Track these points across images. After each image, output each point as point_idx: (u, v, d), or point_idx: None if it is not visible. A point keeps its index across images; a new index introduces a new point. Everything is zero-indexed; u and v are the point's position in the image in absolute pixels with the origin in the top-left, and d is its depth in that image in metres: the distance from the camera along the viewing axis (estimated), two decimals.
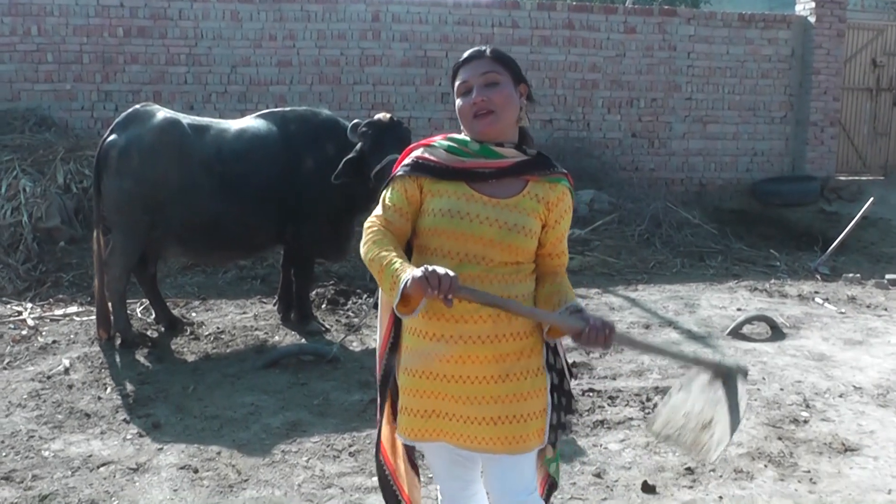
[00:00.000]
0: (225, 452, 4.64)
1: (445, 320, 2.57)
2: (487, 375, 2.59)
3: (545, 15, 11.90)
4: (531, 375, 2.63)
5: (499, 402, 2.59)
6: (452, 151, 2.66)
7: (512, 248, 2.58)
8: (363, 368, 6.04)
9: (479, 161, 2.63)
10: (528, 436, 2.62)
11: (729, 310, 7.84)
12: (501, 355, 2.59)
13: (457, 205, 2.59)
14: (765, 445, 4.72)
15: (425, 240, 2.64)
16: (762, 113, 12.88)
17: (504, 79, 2.64)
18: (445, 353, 2.59)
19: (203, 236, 6.50)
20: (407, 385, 2.69)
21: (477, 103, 2.60)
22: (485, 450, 2.63)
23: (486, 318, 2.55)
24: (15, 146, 9.71)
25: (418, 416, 2.67)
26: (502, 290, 2.55)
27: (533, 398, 2.62)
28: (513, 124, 2.69)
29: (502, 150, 2.64)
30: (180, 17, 10.92)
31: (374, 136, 6.19)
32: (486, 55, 2.68)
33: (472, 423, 2.61)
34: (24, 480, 4.30)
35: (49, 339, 6.66)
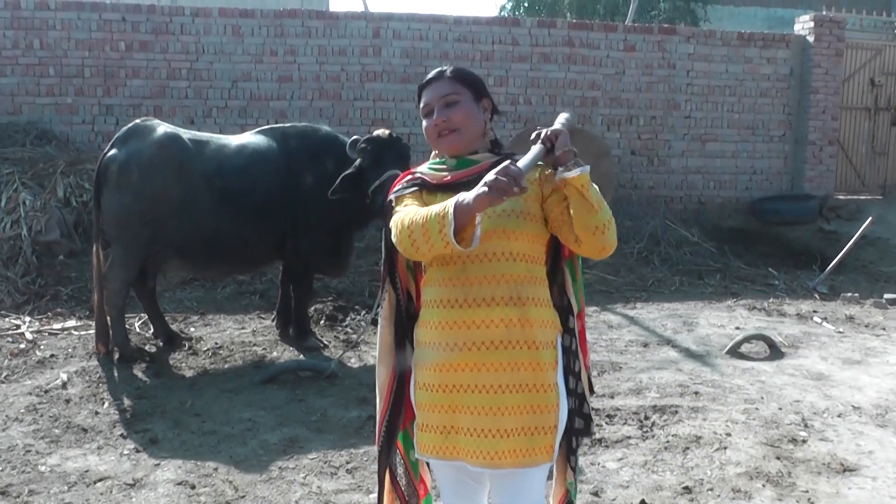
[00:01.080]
0: (222, 468, 4.63)
1: (458, 328, 2.59)
2: (503, 384, 2.58)
3: (545, 32, 11.93)
4: (546, 390, 2.62)
5: (513, 414, 2.58)
6: (435, 170, 2.77)
7: (509, 233, 2.59)
8: (361, 385, 6.04)
9: (459, 173, 2.70)
10: (537, 450, 2.61)
11: (727, 328, 7.84)
12: (516, 364, 2.58)
13: None
14: (763, 465, 4.70)
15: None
16: (761, 131, 12.91)
17: (463, 97, 2.71)
18: (460, 361, 2.59)
19: (202, 251, 6.51)
20: (425, 401, 2.70)
21: (438, 124, 2.70)
22: (497, 465, 2.60)
23: (497, 322, 2.56)
24: (16, 159, 9.72)
25: (437, 432, 2.67)
26: (511, 290, 2.58)
27: (546, 413, 2.62)
28: (479, 137, 2.75)
29: (477, 156, 2.73)
30: (182, 32, 10.95)
31: (373, 153, 6.21)
32: (445, 76, 2.75)
33: (485, 435, 2.58)
34: (20, 495, 4.29)
35: (47, 352, 6.65)
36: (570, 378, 2.76)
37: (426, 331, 2.67)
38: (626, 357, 6.84)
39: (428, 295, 2.70)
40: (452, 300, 2.60)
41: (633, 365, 6.62)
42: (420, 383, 2.72)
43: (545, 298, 2.68)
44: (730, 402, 5.75)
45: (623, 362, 6.67)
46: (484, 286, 2.58)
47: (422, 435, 2.72)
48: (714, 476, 4.57)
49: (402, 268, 2.84)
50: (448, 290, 2.62)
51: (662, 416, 5.48)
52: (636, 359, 6.81)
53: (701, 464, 4.73)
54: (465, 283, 2.60)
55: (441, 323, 2.62)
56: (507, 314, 2.57)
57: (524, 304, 2.59)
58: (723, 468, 4.67)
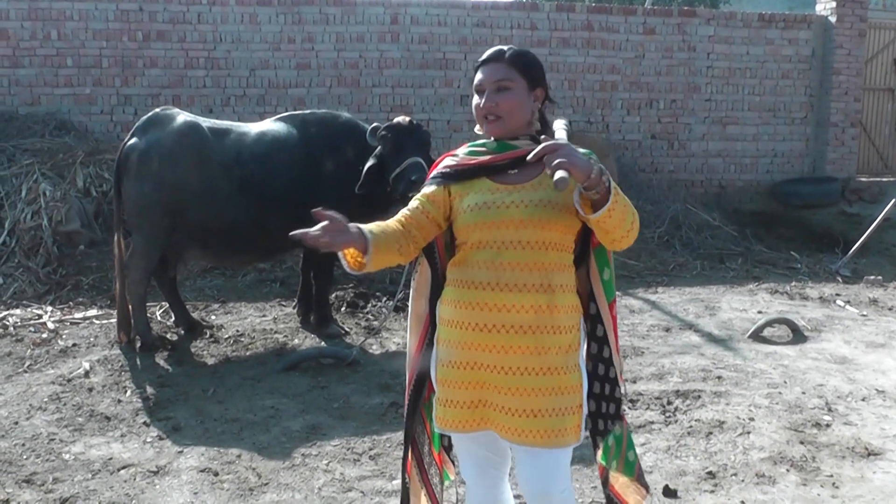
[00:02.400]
0: (245, 455, 4.65)
1: (488, 310, 2.65)
2: (529, 367, 2.64)
3: (564, 16, 11.86)
4: (571, 371, 2.69)
5: (540, 395, 2.64)
6: (472, 154, 2.83)
7: (543, 223, 2.64)
8: (383, 372, 6.05)
9: (497, 155, 2.76)
10: (566, 430, 2.67)
11: (749, 312, 7.80)
12: (543, 348, 2.64)
13: (483, 198, 2.69)
14: (787, 450, 4.68)
15: (464, 236, 2.73)
16: (782, 114, 12.78)
17: (516, 85, 2.73)
18: (488, 342, 2.65)
19: (223, 240, 6.51)
20: (450, 377, 2.76)
21: (485, 108, 2.73)
22: (524, 442, 2.66)
23: (528, 308, 2.62)
24: (35, 150, 9.76)
25: (463, 407, 2.74)
26: (542, 277, 2.63)
27: (572, 393, 2.69)
28: (523, 125, 2.78)
29: (517, 142, 2.76)
30: (199, 21, 10.95)
31: (393, 140, 6.19)
32: (503, 58, 2.75)
33: (513, 414, 2.65)
34: (44, 483, 4.32)
35: (69, 342, 6.69)
36: (600, 365, 2.85)
37: (454, 309, 2.73)
38: (648, 342, 6.82)
39: (458, 275, 2.74)
40: (484, 283, 2.65)
41: (655, 350, 6.60)
42: (445, 360, 2.77)
43: (571, 284, 2.73)
44: (753, 387, 5.72)
45: (645, 347, 6.64)
46: (517, 272, 2.63)
47: (445, 410, 2.78)
48: (738, 461, 4.55)
49: (441, 245, 2.91)
50: (481, 272, 2.67)
51: (685, 400, 5.46)
52: (658, 343, 6.79)
53: (724, 449, 4.71)
54: (499, 267, 2.64)
55: (471, 303, 2.67)
56: (538, 300, 2.63)
57: (553, 291, 2.65)
58: (746, 453, 4.64)
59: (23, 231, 8.75)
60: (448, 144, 11.41)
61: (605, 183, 2.46)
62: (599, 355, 2.86)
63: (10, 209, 8.90)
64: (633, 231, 2.61)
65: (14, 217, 8.83)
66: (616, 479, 3.01)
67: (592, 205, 2.52)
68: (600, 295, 2.83)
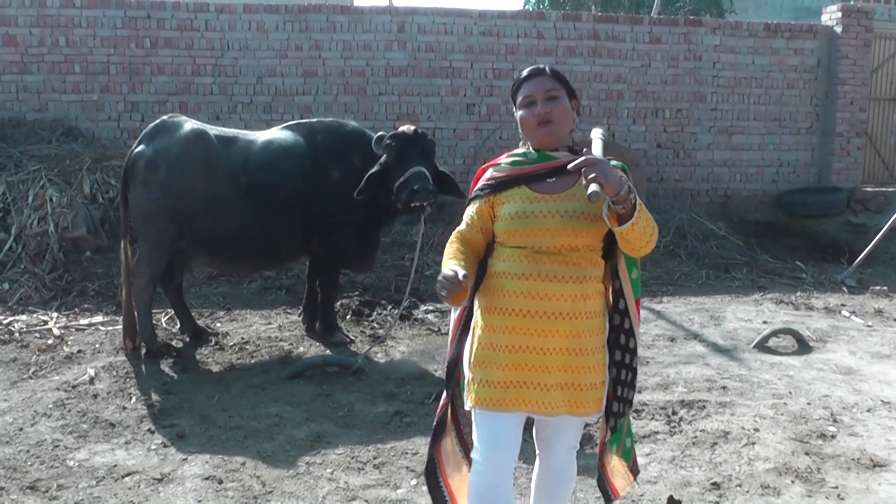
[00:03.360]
0: (249, 463, 4.65)
1: (531, 297, 2.97)
2: (564, 348, 2.99)
3: (570, 25, 11.87)
4: (597, 352, 3.06)
5: (568, 371, 3.00)
6: (514, 164, 3.15)
7: (576, 232, 2.97)
8: (388, 380, 6.05)
9: (537, 165, 3.10)
10: (588, 402, 3.05)
11: (755, 322, 7.79)
12: (577, 332, 2.99)
13: (521, 207, 3.03)
14: (792, 460, 4.68)
15: (503, 239, 3.08)
16: (788, 123, 12.77)
17: (562, 94, 3.10)
18: (530, 327, 2.97)
19: (229, 247, 6.52)
20: (490, 359, 3.04)
21: (541, 114, 3.06)
22: (553, 413, 3.03)
23: (566, 297, 2.97)
24: (42, 156, 9.80)
25: (498, 387, 3.02)
26: (577, 270, 2.98)
27: (596, 371, 3.06)
28: (566, 134, 3.14)
29: (556, 153, 3.10)
30: (206, 29, 10.99)
31: (397, 148, 6.18)
32: (546, 73, 3.13)
33: (544, 389, 3.00)
34: (49, 490, 4.33)
35: (74, 348, 6.70)
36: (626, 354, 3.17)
37: (496, 297, 3.04)
38: (653, 351, 6.81)
39: (500, 267, 3.07)
40: (526, 273, 2.99)
41: (660, 359, 6.60)
42: (485, 343, 3.07)
43: (600, 275, 3.09)
44: (758, 397, 5.72)
45: (650, 357, 6.64)
46: (555, 265, 2.97)
47: (479, 389, 3.05)
48: (742, 472, 4.55)
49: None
50: (523, 265, 3.00)
51: (690, 411, 5.46)
52: (663, 353, 6.78)
53: (729, 459, 4.71)
54: (539, 261, 2.98)
55: (516, 292, 2.99)
56: (573, 290, 2.97)
57: (586, 281, 3.01)
58: (751, 464, 4.64)
59: (29, 237, 8.77)
60: (454, 153, 11.45)
61: (632, 200, 2.81)
62: (626, 346, 3.16)
63: (17, 215, 8.92)
64: (651, 243, 2.97)
65: (21, 223, 8.85)
66: (610, 461, 3.40)
67: (618, 217, 2.86)
68: (628, 291, 3.14)
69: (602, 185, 2.73)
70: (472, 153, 11.51)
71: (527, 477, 4.34)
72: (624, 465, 3.42)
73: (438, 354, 6.64)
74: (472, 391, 3.06)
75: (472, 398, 3.07)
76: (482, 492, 3.12)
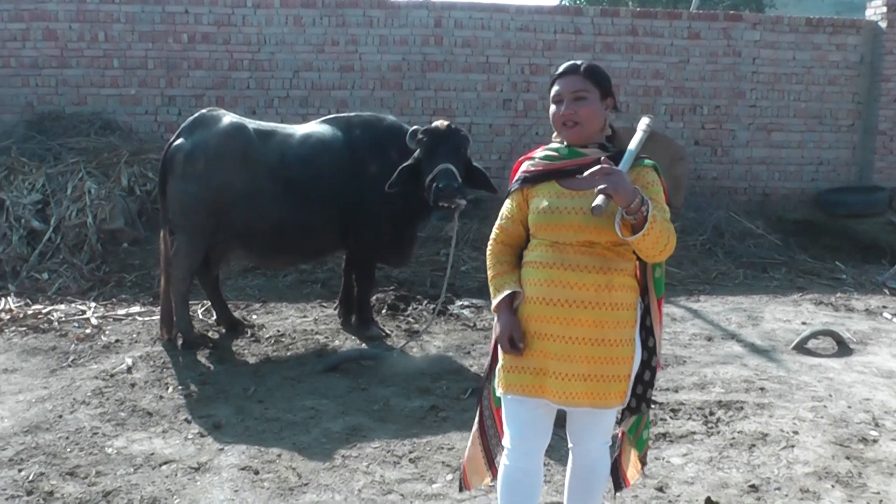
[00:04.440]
0: (285, 455, 4.66)
1: (555, 286, 3.04)
2: (587, 338, 3.02)
3: (608, 21, 11.78)
4: (623, 344, 3.07)
5: (592, 362, 3.02)
6: (547, 158, 3.20)
7: (599, 230, 2.99)
8: (423, 375, 6.04)
9: (566, 161, 3.14)
10: (611, 394, 3.07)
11: (793, 323, 7.69)
12: (601, 322, 3.02)
13: (549, 201, 3.08)
14: (832, 465, 4.61)
15: (534, 231, 3.15)
16: (829, 121, 12.58)
17: (592, 95, 3.11)
18: (554, 315, 3.03)
19: (266, 240, 6.55)
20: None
21: (565, 115, 3.10)
22: (575, 404, 3.06)
23: (589, 286, 3.01)
24: (81, 149, 9.91)
25: (525, 372, 3.09)
26: (602, 262, 3.02)
27: (621, 363, 3.07)
28: (597, 132, 3.16)
29: (586, 150, 3.14)
30: (244, 24, 11.03)
31: (428, 144, 6.16)
32: (579, 71, 3.14)
33: (567, 379, 3.03)
34: (87, 476, 4.38)
35: (112, 337, 6.76)
36: (644, 352, 3.21)
37: (525, 287, 3.12)
38: (689, 351, 6.75)
39: (530, 257, 3.15)
40: (551, 263, 3.05)
41: (697, 359, 6.53)
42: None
43: (629, 269, 3.11)
44: (797, 400, 5.64)
45: (687, 356, 6.58)
46: (579, 255, 3.02)
47: (508, 375, 3.13)
48: (781, 475, 4.49)
49: None
50: (547, 254, 3.07)
51: (728, 411, 5.39)
52: (700, 353, 6.72)
53: (768, 462, 4.65)
54: (564, 251, 3.04)
55: (540, 280, 3.07)
56: (597, 280, 3.01)
57: (610, 272, 3.03)
58: (790, 467, 4.58)
59: (68, 228, 8.87)
60: (490, 148, 11.42)
61: (644, 213, 2.84)
62: (644, 343, 3.20)
63: (56, 206, 9.02)
64: (665, 252, 3.00)
65: (60, 214, 8.95)
66: (625, 451, 3.50)
67: (631, 227, 2.90)
68: (651, 290, 3.20)
69: (611, 197, 2.80)
70: (508, 149, 11.47)
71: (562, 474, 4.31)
72: (636, 455, 3.50)
73: (474, 350, 6.62)
74: (502, 378, 3.16)
75: (501, 384, 3.17)
76: (512, 477, 3.19)
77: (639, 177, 3.05)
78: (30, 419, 5.12)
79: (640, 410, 3.27)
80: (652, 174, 3.10)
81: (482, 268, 8.85)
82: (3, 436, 4.87)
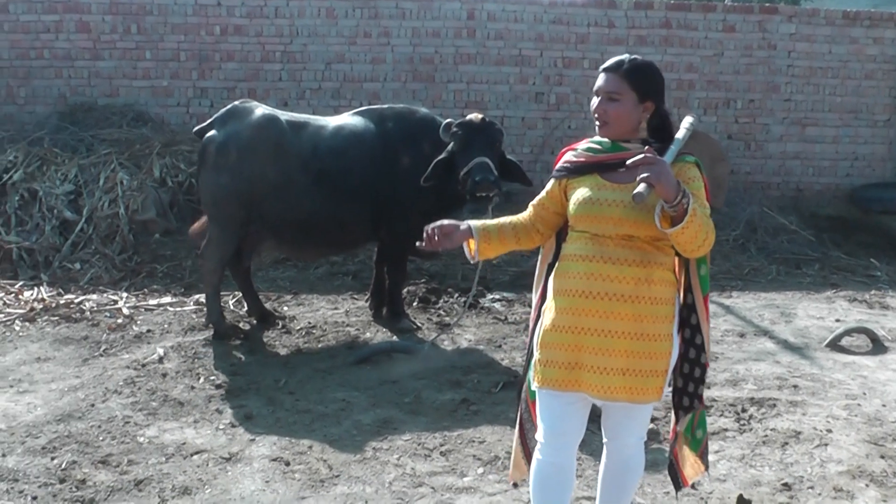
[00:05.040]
0: (316, 447, 4.68)
1: (594, 279, 3.03)
2: (625, 331, 3.01)
3: (642, 14, 11.68)
4: (661, 339, 3.06)
5: (630, 357, 3.01)
6: (589, 150, 3.23)
7: (639, 223, 3.00)
8: (454, 368, 6.04)
9: (609, 154, 3.14)
10: (648, 389, 3.05)
11: (827, 320, 7.60)
12: (639, 316, 3.01)
13: (590, 193, 3.09)
14: (866, 464, 4.56)
15: (573, 223, 3.17)
16: (865, 116, 12.40)
17: (626, 97, 3.09)
18: (592, 308, 3.02)
19: (298, 232, 6.56)
20: (553, 340, 3.11)
21: (596, 111, 3.14)
22: (611, 398, 3.05)
23: (629, 279, 3.01)
24: (113, 140, 9.98)
25: (561, 367, 3.08)
26: (641, 256, 3.02)
27: (659, 358, 3.05)
28: (630, 132, 3.15)
29: (629, 145, 3.13)
30: (276, 15, 11.04)
31: (463, 137, 6.15)
32: (620, 70, 3.12)
33: (604, 373, 3.02)
34: (119, 465, 4.42)
35: (144, 327, 6.81)
36: (692, 349, 3.23)
37: (562, 279, 3.12)
38: (722, 347, 6.69)
39: (569, 250, 3.16)
40: (591, 256, 3.05)
41: (729, 355, 6.47)
42: (550, 324, 3.12)
43: (669, 264, 3.12)
44: (830, 397, 5.58)
45: (719, 352, 6.52)
46: (618, 248, 3.02)
47: (545, 370, 3.12)
48: (814, 473, 4.45)
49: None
50: (587, 247, 3.07)
51: (760, 409, 5.35)
52: (732, 349, 6.66)
53: (801, 460, 4.61)
54: (604, 244, 3.04)
55: (580, 273, 3.06)
56: (636, 273, 3.01)
57: (650, 266, 3.03)
58: (823, 466, 4.54)
59: (100, 219, 8.93)
60: (522, 142, 11.37)
61: (685, 205, 2.83)
62: (692, 341, 3.22)
63: (88, 197, 9.08)
64: (704, 247, 2.98)
65: (92, 205, 9.01)
66: (681, 448, 3.48)
67: (671, 219, 2.89)
68: (696, 287, 3.20)
69: (653, 187, 2.79)
70: (540, 142, 11.42)
71: (594, 469, 4.30)
72: (693, 455, 3.48)
73: (505, 343, 6.61)
74: (538, 372, 3.14)
75: (537, 378, 3.15)
76: (544, 472, 3.19)
77: (681, 172, 3.02)
78: (62, 408, 5.18)
79: (694, 408, 3.29)
80: (694, 170, 3.10)
81: (514, 261, 8.89)
82: (36, 424, 4.92)
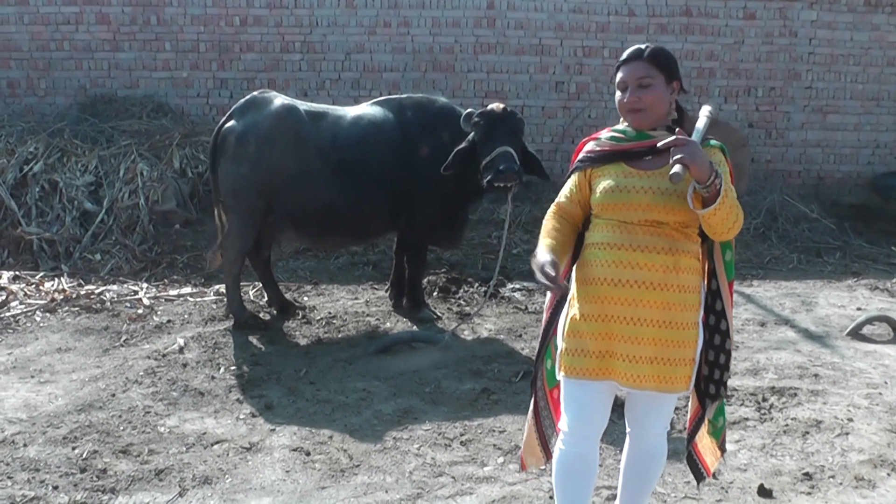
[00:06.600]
0: (337, 437, 4.69)
1: (623, 266, 3.01)
2: (654, 320, 3.00)
3: (662, 2, 11.57)
4: (689, 328, 3.05)
5: (659, 345, 3.00)
6: (613, 139, 3.19)
7: (668, 209, 2.99)
8: (475, 357, 6.04)
9: (635, 143, 3.12)
10: (676, 378, 3.05)
11: (848, 309, 7.55)
12: (668, 304, 3.00)
13: (617, 181, 3.07)
14: (887, 453, 4.53)
15: (598, 212, 3.13)
16: (886, 103, 12.28)
17: (657, 81, 3.09)
18: (621, 296, 3.01)
19: (318, 222, 6.56)
20: (582, 329, 3.09)
21: (630, 101, 3.09)
22: (640, 387, 3.04)
23: (658, 267, 2.99)
24: (133, 131, 10.02)
25: (591, 356, 3.06)
26: (669, 243, 3.00)
27: (687, 347, 3.05)
28: (663, 116, 3.14)
29: (654, 132, 3.10)
30: (296, 6, 11.04)
31: (485, 127, 6.15)
32: (643, 57, 3.11)
33: (633, 361, 3.01)
34: (140, 454, 4.45)
35: (164, 318, 6.85)
36: (717, 336, 3.20)
37: (591, 268, 3.09)
38: (742, 336, 6.66)
39: (595, 238, 3.12)
40: (619, 244, 3.03)
41: (749, 344, 6.45)
42: (577, 313, 3.10)
43: (695, 251, 3.09)
44: (851, 386, 5.55)
45: (740, 341, 6.49)
46: (647, 236, 3.01)
47: (572, 359, 3.09)
48: (836, 463, 4.43)
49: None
50: (615, 235, 3.04)
51: (781, 398, 5.32)
52: (753, 338, 6.63)
53: (822, 449, 4.59)
54: (631, 231, 3.02)
55: (608, 261, 3.04)
56: (665, 261, 3.00)
57: (678, 253, 3.02)
58: (845, 455, 4.52)
59: (120, 209, 8.99)
60: (542, 131, 11.34)
61: (717, 186, 2.83)
62: (717, 327, 3.20)
63: (109, 188, 9.14)
64: (734, 229, 2.99)
65: (112, 196, 9.07)
66: (701, 439, 3.46)
67: (703, 201, 2.89)
68: (721, 273, 3.19)
69: (688, 167, 2.78)
70: (561, 132, 11.37)
71: (615, 458, 4.30)
72: (713, 443, 3.47)
73: (525, 333, 6.60)
74: (565, 361, 3.11)
75: (563, 368, 3.12)
76: (568, 462, 3.18)
77: (709, 154, 2.97)
78: (83, 398, 5.21)
79: (720, 395, 3.26)
80: (719, 154, 3.10)
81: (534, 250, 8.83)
82: (58, 414, 4.96)
